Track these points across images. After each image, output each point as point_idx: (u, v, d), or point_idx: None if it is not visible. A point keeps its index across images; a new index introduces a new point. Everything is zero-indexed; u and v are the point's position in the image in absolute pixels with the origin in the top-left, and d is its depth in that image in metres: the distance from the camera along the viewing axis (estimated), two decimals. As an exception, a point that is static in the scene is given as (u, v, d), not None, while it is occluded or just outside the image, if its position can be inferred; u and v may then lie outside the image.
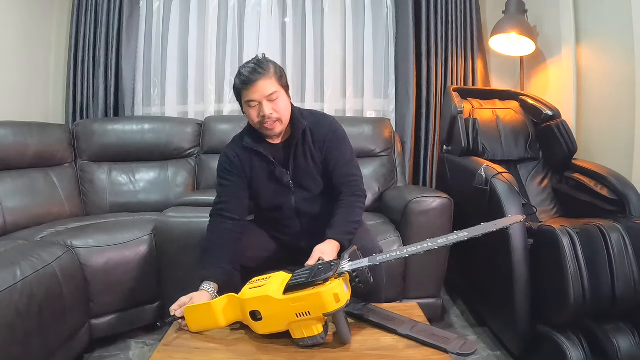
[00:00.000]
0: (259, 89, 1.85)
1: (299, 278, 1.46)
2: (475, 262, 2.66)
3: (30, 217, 2.74)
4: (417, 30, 3.65)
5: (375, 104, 3.84)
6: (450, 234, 1.53)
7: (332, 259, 1.68)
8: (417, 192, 2.57)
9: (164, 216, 2.49)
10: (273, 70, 1.90)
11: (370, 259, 1.54)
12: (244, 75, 1.87)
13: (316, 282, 1.42)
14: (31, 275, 1.84)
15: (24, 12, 3.38)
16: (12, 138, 2.82)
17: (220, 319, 1.57)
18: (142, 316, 2.53)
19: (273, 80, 1.88)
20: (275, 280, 1.53)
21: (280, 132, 1.97)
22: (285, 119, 1.95)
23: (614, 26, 2.69)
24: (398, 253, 1.55)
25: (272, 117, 1.89)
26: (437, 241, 1.52)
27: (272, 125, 1.91)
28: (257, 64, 1.89)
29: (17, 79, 3.35)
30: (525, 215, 1.84)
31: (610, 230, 1.96)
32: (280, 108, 1.90)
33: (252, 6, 3.74)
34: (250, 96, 1.87)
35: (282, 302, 1.44)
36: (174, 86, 3.81)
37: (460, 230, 1.53)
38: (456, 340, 1.42)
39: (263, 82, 1.85)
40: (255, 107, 1.89)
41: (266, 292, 1.47)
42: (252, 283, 1.58)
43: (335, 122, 2.12)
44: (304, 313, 1.42)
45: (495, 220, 1.56)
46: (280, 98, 1.90)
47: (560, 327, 2.05)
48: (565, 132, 2.76)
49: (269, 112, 1.87)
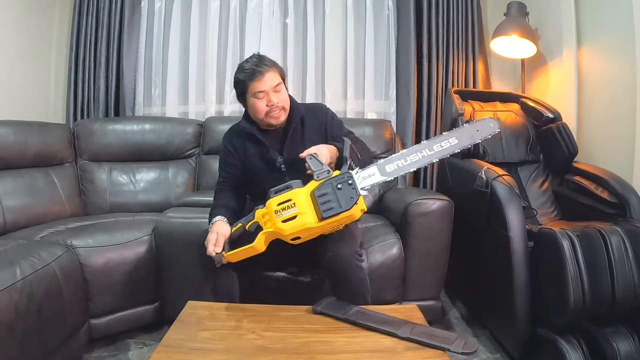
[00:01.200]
0: (266, 80, 2.01)
1: (327, 204, 1.68)
2: (475, 264, 2.66)
3: (30, 217, 2.74)
4: (418, 32, 3.65)
5: (376, 106, 3.84)
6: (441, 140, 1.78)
7: (327, 159, 1.86)
8: (417, 194, 2.56)
9: (164, 216, 2.49)
10: (275, 64, 2.09)
11: (381, 172, 1.78)
12: (250, 69, 2.02)
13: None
14: (31, 274, 1.84)
15: (25, 11, 3.38)
16: (13, 137, 2.82)
17: (261, 248, 1.80)
18: (141, 316, 2.52)
19: (277, 73, 2.06)
20: (302, 202, 1.71)
21: (283, 120, 2.12)
22: (287, 108, 2.12)
23: (615, 29, 2.69)
24: (404, 163, 1.80)
25: (279, 106, 2.05)
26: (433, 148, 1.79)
27: (279, 114, 2.08)
28: (260, 58, 2.06)
29: (18, 78, 3.36)
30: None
31: (610, 234, 1.96)
32: (284, 98, 2.08)
33: (253, 7, 3.75)
34: (259, 87, 2.01)
35: (321, 225, 1.70)
36: (174, 86, 3.81)
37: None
38: (457, 340, 1.42)
39: (269, 74, 2.02)
40: (262, 98, 2.03)
41: (305, 225, 1.69)
42: (278, 209, 1.74)
43: (328, 108, 2.31)
44: (337, 225, 1.76)
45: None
46: (283, 89, 2.08)
47: (560, 330, 2.05)
48: (565, 135, 2.76)
49: (276, 100, 2.03)
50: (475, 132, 1.77)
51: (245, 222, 1.85)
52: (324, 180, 1.71)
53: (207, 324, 1.62)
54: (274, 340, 1.49)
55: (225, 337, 1.53)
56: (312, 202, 1.70)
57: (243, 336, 1.52)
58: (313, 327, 1.58)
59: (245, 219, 1.86)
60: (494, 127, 1.73)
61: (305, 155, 1.79)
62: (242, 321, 1.64)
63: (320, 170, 1.74)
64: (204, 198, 2.69)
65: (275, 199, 1.75)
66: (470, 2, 3.66)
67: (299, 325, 1.60)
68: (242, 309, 1.75)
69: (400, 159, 1.81)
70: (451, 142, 1.73)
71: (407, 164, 1.79)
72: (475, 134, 1.78)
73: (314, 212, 1.69)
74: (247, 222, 1.84)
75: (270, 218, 1.75)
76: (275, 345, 1.46)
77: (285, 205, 1.72)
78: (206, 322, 1.63)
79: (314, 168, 1.75)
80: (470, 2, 3.66)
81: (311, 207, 1.69)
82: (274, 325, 1.59)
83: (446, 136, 1.76)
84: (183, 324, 1.61)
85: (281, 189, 1.77)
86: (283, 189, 1.76)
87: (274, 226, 1.73)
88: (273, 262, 2.15)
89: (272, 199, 1.75)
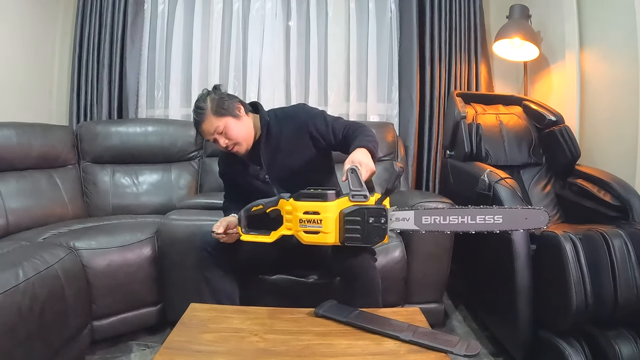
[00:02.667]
0: (206, 131, 2.07)
1: (353, 232, 1.64)
2: (477, 267, 2.66)
3: (33, 218, 2.75)
4: (421, 34, 3.65)
5: (379, 108, 3.84)
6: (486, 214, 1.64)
7: (367, 174, 1.71)
8: (419, 197, 2.56)
9: (167, 219, 2.49)
10: (210, 107, 2.05)
11: (416, 221, 1.67)
12: (193, 117, 2.10)
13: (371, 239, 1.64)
14: (33, 276, 1.85)
15: (28, 13, 3.39)
16: (16, 139, 2.83)
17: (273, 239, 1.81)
18: (143, 318, 2.53)
19: (212, 118, 2.04)
20: (329, 221, 1.66)
21: (246, 149, 2.10)
22: (243, 138, 2.08)
23: (618, 32, 2.69)
24: (442, 221, 1.66)
25: (230, 145, 2.06)
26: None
27: (236, 150, 2.08)
28: (196, 108, 2.08)
29: (22, 80, 3.36)
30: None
31: (613, 237, 1.96)
32: (233, 135, 2.05)
33: (256, 9, 3.75)
34: (205, 136, 2.10)
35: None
36: (177, 89, 3.81)
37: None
38: (460, 342, 1.42)
39: (205, 125, 2.06)
40: (215, 141, 2.08)
41: (325, 242, 1.68)
42: (303, 219, 1.70)
43: (306, 106, 2.25)
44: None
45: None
46: (228, 126, 2.04)
47: (562, 333, 2.05)
48: (568, 138, 2.76)
49: (224, 144, 2.05)
50: (524, 219, 1.65)
51: (266, 206, 1.84)
52: (358, 203, 1.65)
53: (209, 326, 1.61)
54: (276, 342, 1.49)
55: (228, 339, 1.53)
56: (338, 221, 1.66)
57: (245, 339, 1.52)
58: (315, 330, 1.58)
59: (267, 202, 1.84)
60: (542, 222, 1.63)
61: (348, 166, 1.67)
62: (245, 324, 1.63)
63: (358, 192, 1.65)
64: (206, 200, 2.70)
65: (303, 205, 1.69)
66: (472, 4, 3.67)
67: (301, 328, 1.59)
68: (245, 312, 1.75)
69: (439, 215, 1.67)
70: (495, 220, 1.62)
71: (444, 223, 1.66)
72: (522, 222, 1.65)
73: (337, 233, 1.66)
74: (269, 206, 1.83)
75: (293, 222, 1.72)
76: (277, 348, 1.46)
77: (312, 218, 1.67)
78: (209, 324, 1.63)
79: (352, 186, 1.66)
80: (472, 4, 3.67)
81: (336, 226, 1.66)
82: (276, 328, 1.59)
83: (493, 211, 1.65)
84: (185, 326, 1.61)
85: (313, 195, 1.70)
86: (314, 197, 1.69)
87: (294, 231, 1.72)
88: (276, 265, 2.16)
89: (301, 202, 1.70)
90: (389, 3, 3.78)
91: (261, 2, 3.75)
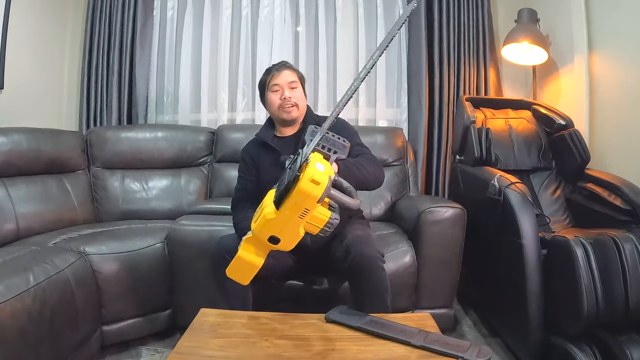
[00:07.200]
0: (283, 76, 2.23)
1: (279, 186, 1.48)
2: (487, 272, 2.65)
3: (43, 223, 2.76)
4: (430, 39, 3.65)
5: (388, 114, 3.84)
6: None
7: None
8: (429, 202, 2.56)
9: (177, 224, 2.50)
10: (295, 68, 2.32)
11: (324, 124, 1.60)
12: (270, 68, 2.29)
13: (292, 181, 1.40)
14: (44, 281, 1.86)
15: (38, 19, 3.42)
16: (26, 144, 2.83)
17: (254, 260, 1.56)
18: (153, 323, 2.53)
19: (294, 73, 2.28)
20: (267, 200, 1.52)
21: (295, 117, 2.26)
22: (301, 106, 2.26)
23: (627, 34, 2.67)
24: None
25: (291, 101, 2.21)
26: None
27: (291, 109, 2.23)
28: (283, 62, 2.32)
29: (32, 85, 3.39)
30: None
31: (623, 241, 1.95)
32: (298, 96, 2.24)
33: (265, 15, 3.76)
34: (275, 80, 2.23)
35: (281, 215, 1.44)
36: (187, 94, 3.84)
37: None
38: (471, 347, 1.41)
39: (286, 72, 2.25)
40: (277, 91, 2.23)
41: (264, 216, 1.47)
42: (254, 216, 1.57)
43: (344, 121, 2.38)
44: (303, 212, 1.41)
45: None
46: (298, 88, 2.26)
47: (573, 338, 2.04)
48: (578, 142, 2.75)
49: (288, 95, 2.21)
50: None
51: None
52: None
53: (219, 331, 1.61)
54: (287, 348, 1.49)
55: (238, 344, 1.53)
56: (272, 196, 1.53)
57: (256, 344, 1.52)
58: (326, 335, 1.58)
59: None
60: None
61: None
62: (255, 329, 1.64)
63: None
64: (216, 206, 2.71)
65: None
66: (481, 9, 3.66)
67: (312, 334, 1.59)
68: (255, 317, 1.75)
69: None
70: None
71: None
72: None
73: (272, 203, 1.50)
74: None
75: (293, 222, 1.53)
76: (288, 354, 1.45)
77: (259, 208, 1.56)
78: (219, 329, 1.63)
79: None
80: (481, 9, 3.66)
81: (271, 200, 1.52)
82: (286, 334, 1.59)
83: None
84: (195, 331, 1.61)
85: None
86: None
87: (252, 232, 1.58)
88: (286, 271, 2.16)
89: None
90: (397, 8, 3.78)
91: (270, 7, 3.76)
